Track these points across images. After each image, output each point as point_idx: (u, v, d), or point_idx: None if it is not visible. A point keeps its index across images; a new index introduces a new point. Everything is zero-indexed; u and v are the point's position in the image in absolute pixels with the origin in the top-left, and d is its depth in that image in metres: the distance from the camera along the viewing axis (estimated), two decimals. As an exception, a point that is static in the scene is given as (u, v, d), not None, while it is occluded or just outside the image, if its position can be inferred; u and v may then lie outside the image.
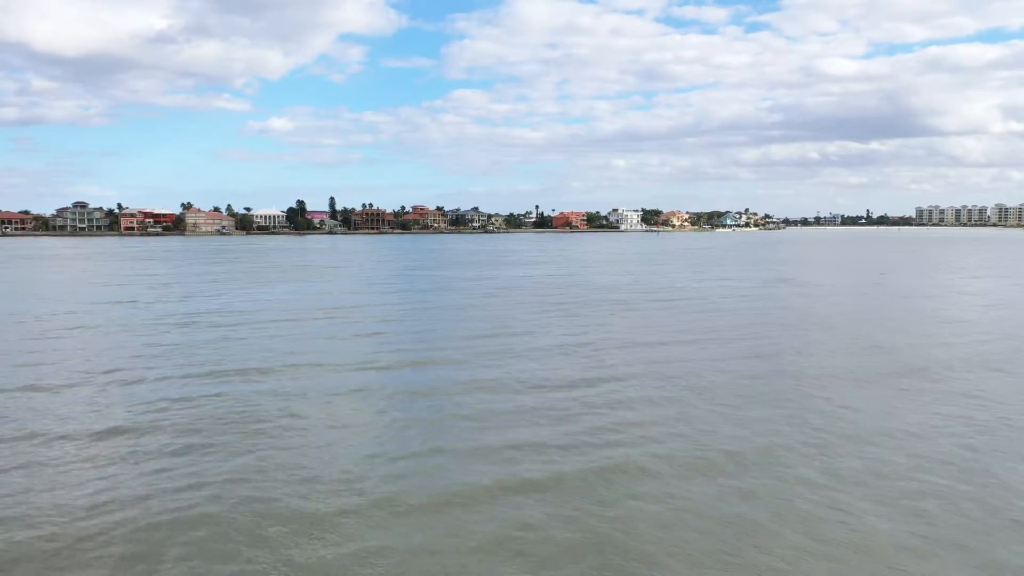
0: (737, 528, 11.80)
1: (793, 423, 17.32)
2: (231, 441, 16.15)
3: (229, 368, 23.60)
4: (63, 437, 16.46)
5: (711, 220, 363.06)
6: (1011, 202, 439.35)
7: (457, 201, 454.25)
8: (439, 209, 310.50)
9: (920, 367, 23.62)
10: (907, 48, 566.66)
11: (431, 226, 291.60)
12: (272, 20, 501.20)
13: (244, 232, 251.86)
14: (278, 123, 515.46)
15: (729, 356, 25.64)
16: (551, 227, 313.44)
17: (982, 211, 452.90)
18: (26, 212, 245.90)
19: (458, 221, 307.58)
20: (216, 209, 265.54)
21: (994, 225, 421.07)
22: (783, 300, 44.63)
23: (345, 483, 13.71)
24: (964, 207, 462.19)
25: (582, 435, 16.41)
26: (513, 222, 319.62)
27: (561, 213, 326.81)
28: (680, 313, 38.18)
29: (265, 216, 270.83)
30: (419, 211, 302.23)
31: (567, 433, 16.57)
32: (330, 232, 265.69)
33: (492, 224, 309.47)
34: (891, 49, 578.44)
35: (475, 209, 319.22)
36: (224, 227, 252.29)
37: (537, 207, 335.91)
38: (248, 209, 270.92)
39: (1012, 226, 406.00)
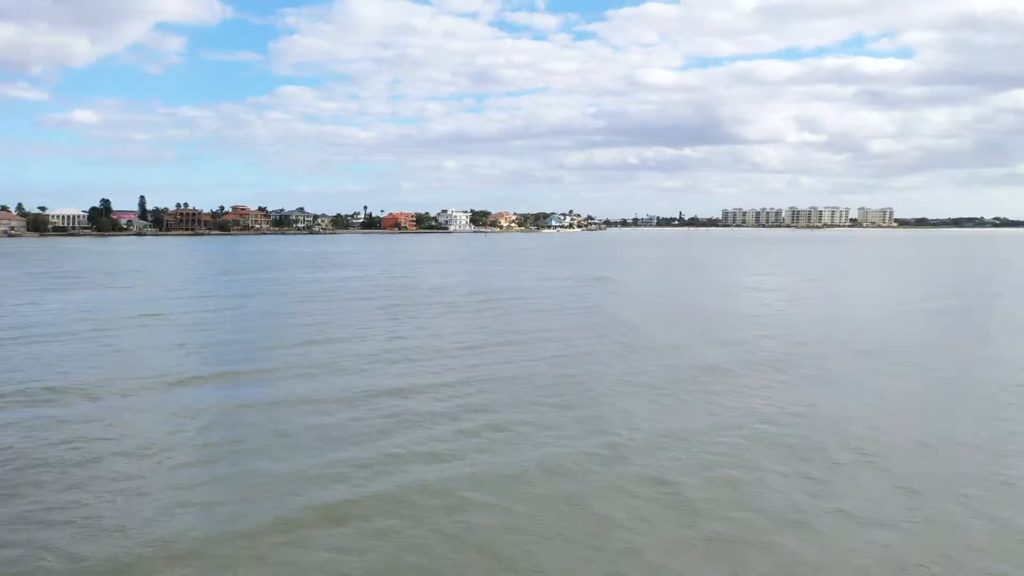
0: (569, 538, 11.96)
1: (605, 426, 17.94)
2: (5, 480, 14.38)
3: (7, 391, 21.09)
4: None
5: (537, 221, 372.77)
6: (802, 205, 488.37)
7: (282, 201, 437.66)
8: (262, 209, 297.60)
9: (717, 365, 25.27)
10: (717, 62, 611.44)
11: (252, 227, 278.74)
12: (78, 4, 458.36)
13: (37, 234, 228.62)
14: (82, 115, 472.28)
15: (549, 357, 26.28)
16: (380, 228, 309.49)
17: (778, 213, 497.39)
18: None
19: (282, 222, 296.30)
20: (4, 208, 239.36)
21: (788, 226, 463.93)
22: (598, 299, 46.48)
23: (150, 520, 12.55)
24: (763, 210, 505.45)
25: (408, 448, 16.11)
26: (340, 223, 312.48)
27: (390, 214, 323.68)
28: (505, 314, 38.73)
29: (63, 216, 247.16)
30: (240, 211, 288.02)
31: (395, 445, 16.21)
32: (138, 233, 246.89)
33: (318, 225, 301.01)
34: (704, 62, 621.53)
35: (300, 209, 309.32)
36: (13, 228, 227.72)
37: (366, 208, 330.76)
38: (43, 208, 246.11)
39: (803, 227, 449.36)
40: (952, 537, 11.56)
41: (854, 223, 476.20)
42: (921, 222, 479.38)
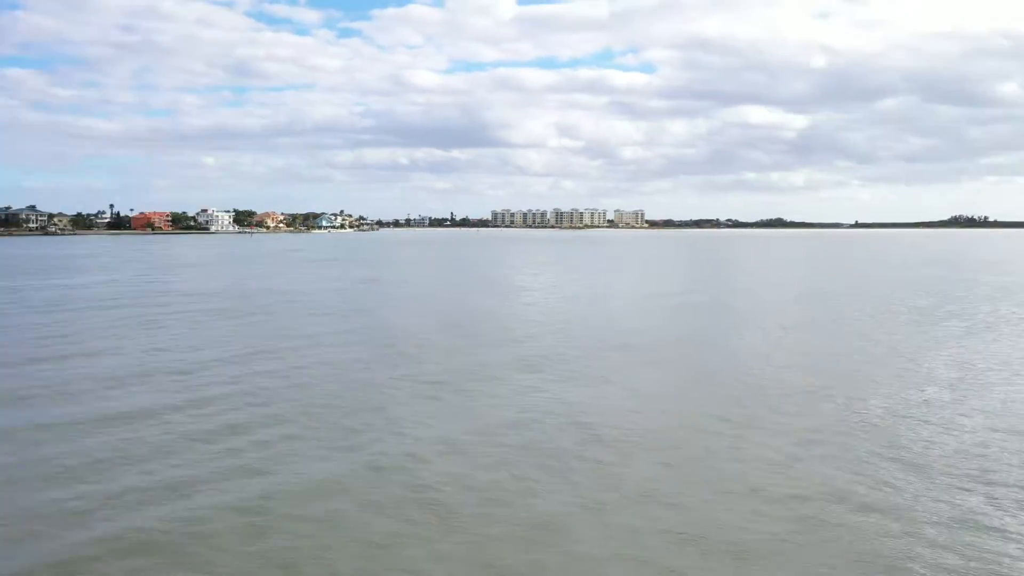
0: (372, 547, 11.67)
1: (391, 432, 17.91)
2: None
3: None
4: None
5: (307, 221, 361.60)
6: (564, 207, 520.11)
7: (7, 199, 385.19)
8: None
9: (491, 365, 26.06)
10: (481, 67, 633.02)
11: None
12: None
13: None
14: None
15: (326, 363, 25.71)
16: (130, 228, 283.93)
17: (543, 214, 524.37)
18: None
19: (8, 221, 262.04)
20: None
21: (552, 227, 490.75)
22: (372, 302, 46.17)
23: None
24: (530, 211, 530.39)
25: (190, 468, 14.90)
26: (82, 223, 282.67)
27: (142, 213, 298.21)
28: (275, 320, 37.14)
29: None
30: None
31: (172, 465, 14.90)
32: None
33: (55, 225, 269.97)
34: (468, 67, 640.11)
35: (32, 208, 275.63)
36: None
37: (112, 206, 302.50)
38: None
39: (566, 227, 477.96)
40: (717, 507, 12.88)
41: (611, 224, 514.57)
42: (668, 223, 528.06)
